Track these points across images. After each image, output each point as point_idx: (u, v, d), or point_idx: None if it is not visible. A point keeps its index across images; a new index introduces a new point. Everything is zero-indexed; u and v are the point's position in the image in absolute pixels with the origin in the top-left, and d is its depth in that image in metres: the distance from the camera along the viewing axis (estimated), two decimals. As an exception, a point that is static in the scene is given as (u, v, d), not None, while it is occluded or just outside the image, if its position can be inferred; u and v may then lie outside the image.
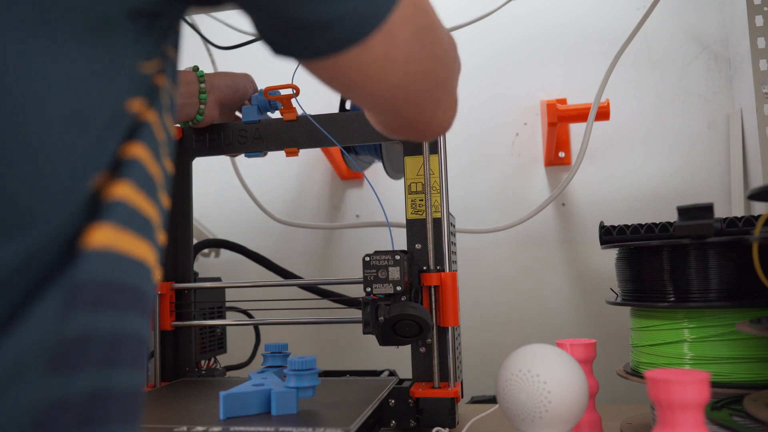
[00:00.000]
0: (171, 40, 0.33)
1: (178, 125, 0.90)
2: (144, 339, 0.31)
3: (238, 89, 0.86)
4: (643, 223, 0.69)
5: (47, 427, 0.24)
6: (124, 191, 0.28)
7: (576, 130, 1.12)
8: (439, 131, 0.49)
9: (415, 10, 0.37)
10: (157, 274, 0.32)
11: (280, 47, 0.35)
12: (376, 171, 1.19)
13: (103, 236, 0.27)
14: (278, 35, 0.34)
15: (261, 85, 0.87)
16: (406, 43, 0.37)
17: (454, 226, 0.85)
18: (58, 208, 0.25)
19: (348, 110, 0.90)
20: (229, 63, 1.09)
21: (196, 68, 0.83)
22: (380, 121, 0.49)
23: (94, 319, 0.26)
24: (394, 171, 0.98)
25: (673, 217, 0.64)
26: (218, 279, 0.99)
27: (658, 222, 0.68)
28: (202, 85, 0.82)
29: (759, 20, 0.91)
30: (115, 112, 0.28)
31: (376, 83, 0.38)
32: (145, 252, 0.30)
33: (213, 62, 1.16)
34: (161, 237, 0.33)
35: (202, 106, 0.82)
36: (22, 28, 0.24)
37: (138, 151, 0.29)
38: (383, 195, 1.08)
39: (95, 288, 0.26)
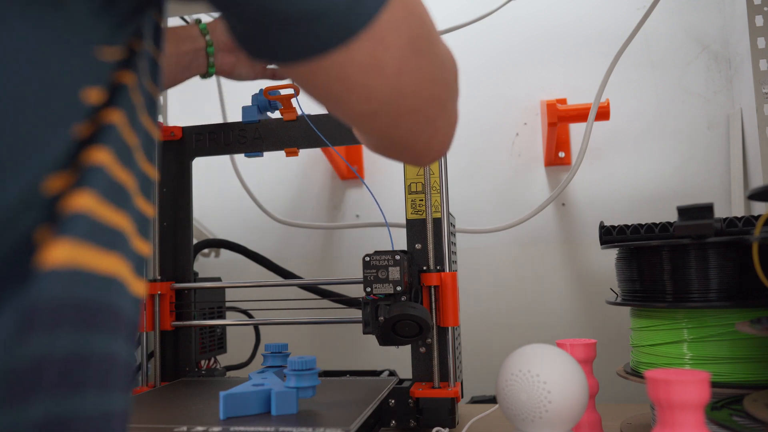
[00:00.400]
0: (147, 34, 0.31)
1: (179, 126, 0.90)
2: (119, 358, 0.29)
3: None
4: (643, 223, 0.69)
5: None
6: (85, 202, 0.26)
7: (576, 130, 1.12)
8: (435, 156, 0.44)
9: (408, 14, 0.33)
10: (137, 286, 0.30)
11: (255, 49, 0.32)
12: (375, 172, 1.19)
13: (62, 253, 0.25)
14: (253, 35, 0.31)
15: (262, 85, 0.87)
16: (396, 50, 0.33)
17: (454, 226, 0.85)
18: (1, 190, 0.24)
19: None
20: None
21: (198, 21, 0.82)
22: (370, 142, 0.43)
23: (51, 342, 0.24)
24: None
25: (673, 217, 0.64)
26: (218, 279, 0.99)
27: (658, 222, 0.68)
28: (208, 38, 0.80)
29: (759, 20, 0.91)
30: (67, 96, 0.26)
31: (360, 94, 0.34)
32: (114, 266, 0.28)
33: (213, 62, 1.16)
34: (141, 246, 0.31)
35: (211, 59, 0.82)
36: None
37: (101, 156, 0.27)
38: (383, 195, 1.08)
39: (53, 309, 0.24)
